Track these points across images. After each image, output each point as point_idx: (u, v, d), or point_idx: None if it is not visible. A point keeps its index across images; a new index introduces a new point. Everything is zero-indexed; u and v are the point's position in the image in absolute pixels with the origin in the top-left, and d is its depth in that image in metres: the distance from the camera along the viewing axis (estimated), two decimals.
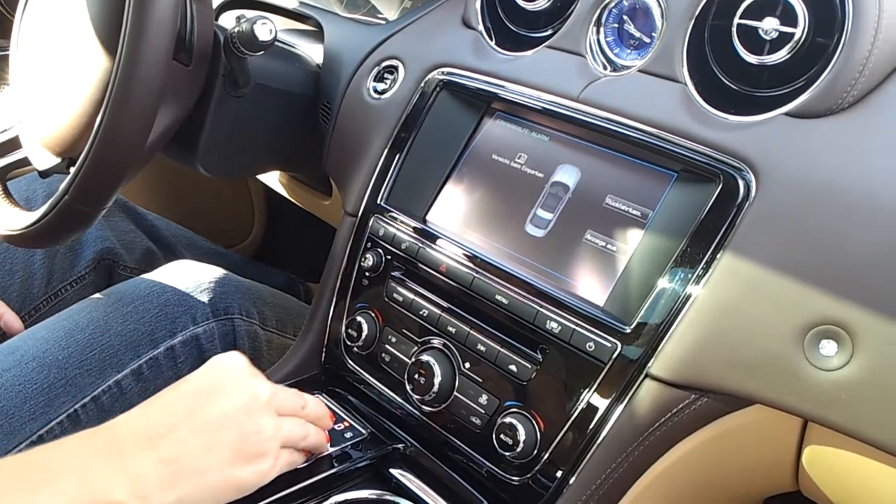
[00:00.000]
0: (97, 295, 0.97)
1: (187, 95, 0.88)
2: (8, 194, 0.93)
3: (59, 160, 0.85)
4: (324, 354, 0.85)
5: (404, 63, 0.86)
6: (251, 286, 1.04)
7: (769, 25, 0.62)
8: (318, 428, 0.67)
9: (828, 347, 0.55)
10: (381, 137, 0.84)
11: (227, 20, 1.08)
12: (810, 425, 0.61)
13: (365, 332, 0.78)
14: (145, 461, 0.56)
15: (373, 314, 0.79)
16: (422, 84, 0.83)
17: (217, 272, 1.01)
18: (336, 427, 0.74)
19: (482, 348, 0.70)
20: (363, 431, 0.75)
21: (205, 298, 0.96)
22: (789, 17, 0.62)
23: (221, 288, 0.98)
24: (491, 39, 0.81)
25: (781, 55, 0.62)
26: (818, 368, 0.55)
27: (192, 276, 0.98)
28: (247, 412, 0.60)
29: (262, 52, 0.84)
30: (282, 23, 1.06)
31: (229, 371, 0.63)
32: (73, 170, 0.76)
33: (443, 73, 0.82)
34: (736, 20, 0.64)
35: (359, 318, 0.79)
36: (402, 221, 0.79)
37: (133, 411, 0.60)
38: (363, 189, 0.84)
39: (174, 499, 0.56)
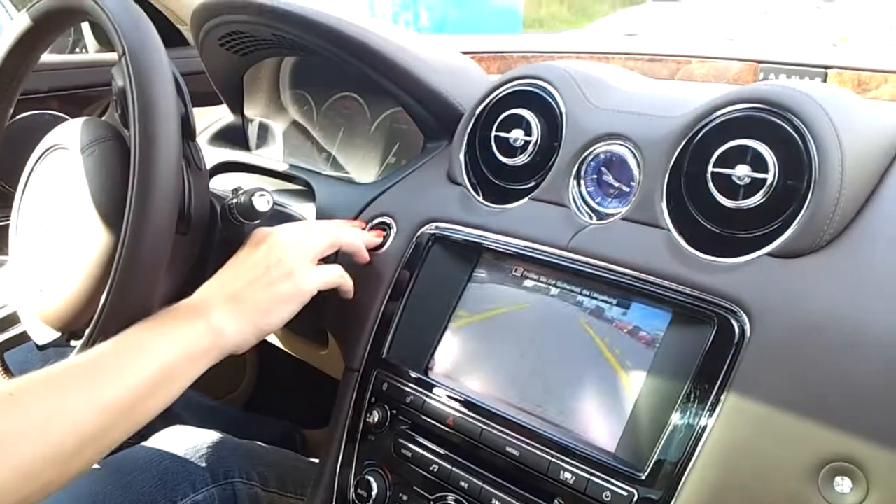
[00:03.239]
0: (95, 465, 0.95)
1: (183, 263, 0.89)
2: (6, 369, 0.93)
3: (58, 334, 0.85)
4: None
5: (396, 219, 0.89)
6: (249, 446, 1.03)
7: (742, 172, 0.66)
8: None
9: (843, 484, 0.55)
10: (379, 291, 0.86)
11: (218, 183, 1.12)
12: None
13: (374, 492, 0.77)
14: (221, 309, 0.75)
15: (382, 472, 0.78)
16: (414, 239, 0.86)
17: (214, 436, 1.00)
18: None
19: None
20: None
21: (203, 464, 0.94)
22: (760, 164, 0.66)
23: (219, 452, 0.97)
24: (477, 194, 0.85)
25: (757, 199, 0.66)
26: None
27: (189, 442, 0.97)
28: (266, 254, 0.79)
29: (258, 221, 0.87)
30: (271, 183, 1.10)
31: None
32: (78, 343, 0.76)
33: (434, 227, 0.85)
34: (710, 168, 0.68)
35: (368, 477, 0.78)
36: (404, 374, 0.80)
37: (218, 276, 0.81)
38: (364, 343, 0.85)
39: (242, 326, 0.78)
